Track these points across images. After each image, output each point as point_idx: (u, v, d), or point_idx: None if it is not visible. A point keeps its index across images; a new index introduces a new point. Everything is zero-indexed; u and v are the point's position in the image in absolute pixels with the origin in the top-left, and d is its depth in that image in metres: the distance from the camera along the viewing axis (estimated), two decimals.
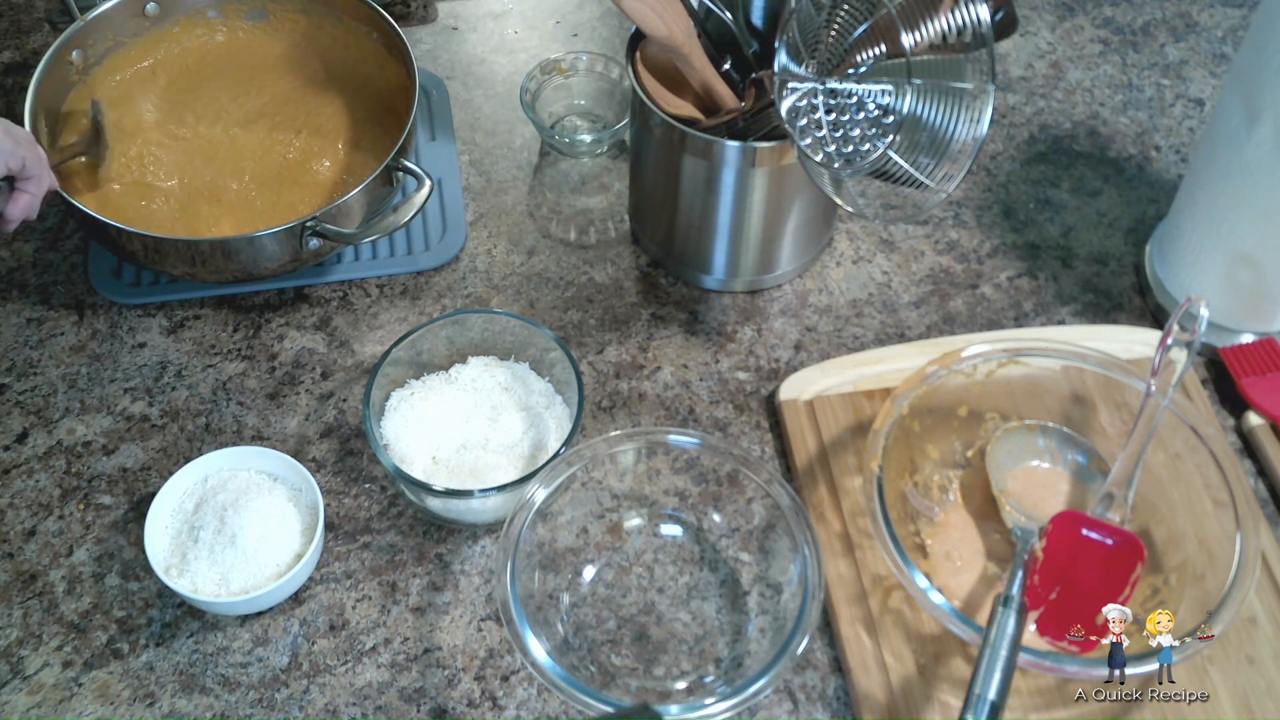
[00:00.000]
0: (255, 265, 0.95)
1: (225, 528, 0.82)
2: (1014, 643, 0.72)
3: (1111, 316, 1.02)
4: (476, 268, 1.03)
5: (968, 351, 0.87)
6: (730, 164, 0.91)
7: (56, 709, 0.80)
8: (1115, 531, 0.81)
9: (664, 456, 0.87)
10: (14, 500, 0.89)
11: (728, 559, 0.86)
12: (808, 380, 0.94)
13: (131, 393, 0.95)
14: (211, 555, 0.82)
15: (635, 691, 0.80)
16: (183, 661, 0.82)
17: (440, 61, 1.19)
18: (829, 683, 0.81)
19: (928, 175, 0.76)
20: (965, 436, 0.90)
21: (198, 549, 0.82)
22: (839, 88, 0.77)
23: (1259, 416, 0.93)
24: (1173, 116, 1.17)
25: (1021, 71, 1.20)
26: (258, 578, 0.81)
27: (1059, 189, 1.11)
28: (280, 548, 0.83)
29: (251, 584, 0.81)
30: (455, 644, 0.83)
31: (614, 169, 1.11)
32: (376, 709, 0.80)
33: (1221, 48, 1.23)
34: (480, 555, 0.87)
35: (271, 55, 1.10)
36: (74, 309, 1.00)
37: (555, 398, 0.90)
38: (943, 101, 0.75)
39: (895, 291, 1.02)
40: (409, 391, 0.89)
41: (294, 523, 0.84)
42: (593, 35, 1.22)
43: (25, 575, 0.85)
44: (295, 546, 0.83)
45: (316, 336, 0.99)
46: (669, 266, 1.03)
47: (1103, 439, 0.89)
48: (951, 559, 0.85)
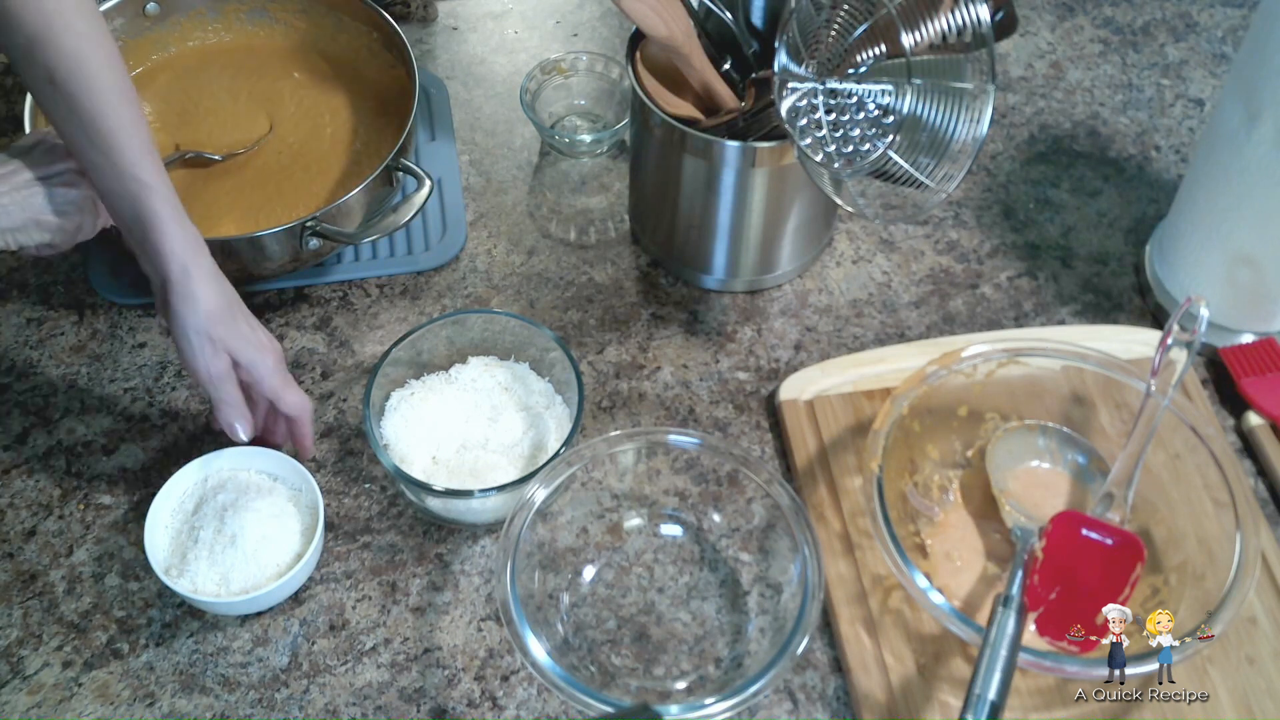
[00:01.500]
0: (255, 265, 0.96)
1: (225, 528, 0.82)
2: (1014, 643, 0.72)
3: (1111, 316, 1.02)
4: (476, 268, 1.03)
5: (968, 351, 0.87)
6: (730, 164, 0.91)
7: (56, 709, 0.80)
8: (1115, 531, 0.81)
9: (664, 456, 0.87)
10: (14, 500, 0.89)
11: (728, 559, 0.86)
12: (808, 380, 0.94)
13: (131, 393, 0.95)
14: (211, 555, 0.82)
15: (635, 691, 0.80)
16: (183, 661, 0.82)
17: (440, 61, 1.19)
18: (829, 683, 0.81)
19: (928, 175, 0.76)
20: (965, 436, 0.90)
21: (198, 549, 0.82)
22: (839, 88, 0.77)
23: (1259, 416, 0.93)
24: (1173, 116, 1.17)
25: (1021, 71, 1.20)
26: (258, 578, 0.81)
27: (1059, 189, 1.11)
28: (281, 548, 0.83)
29: (252, 584, 0.81)
30: (455, 644, 0.83)
31: (614, 169, 1.11)
32: (376, 709, 0.80)
33: (1221, 48, 1.23)
34: (480, 555, 0.87)
35: (271, 55, 1.11)
36: (74, 309, 1.00)
37: (555, 398, 0.90)
38: (943, 101, 0.75)
39: (895, 291, 1.02)
40: (409, 391, 0.89)
41: (294, 523, 0.84)
42: (593, 35, 1.22)
43: (25, 575, 0.85)
44: (295, 546, 0.83)
45: (316, 336, 0.99)
46: (669, 266, 1.03)
47: (1103, 439, 0.89)
48: (951, 559, 0.85)
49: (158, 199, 0.76)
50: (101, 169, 0.76)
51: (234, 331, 0.79)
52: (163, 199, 0.76)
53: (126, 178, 0.76)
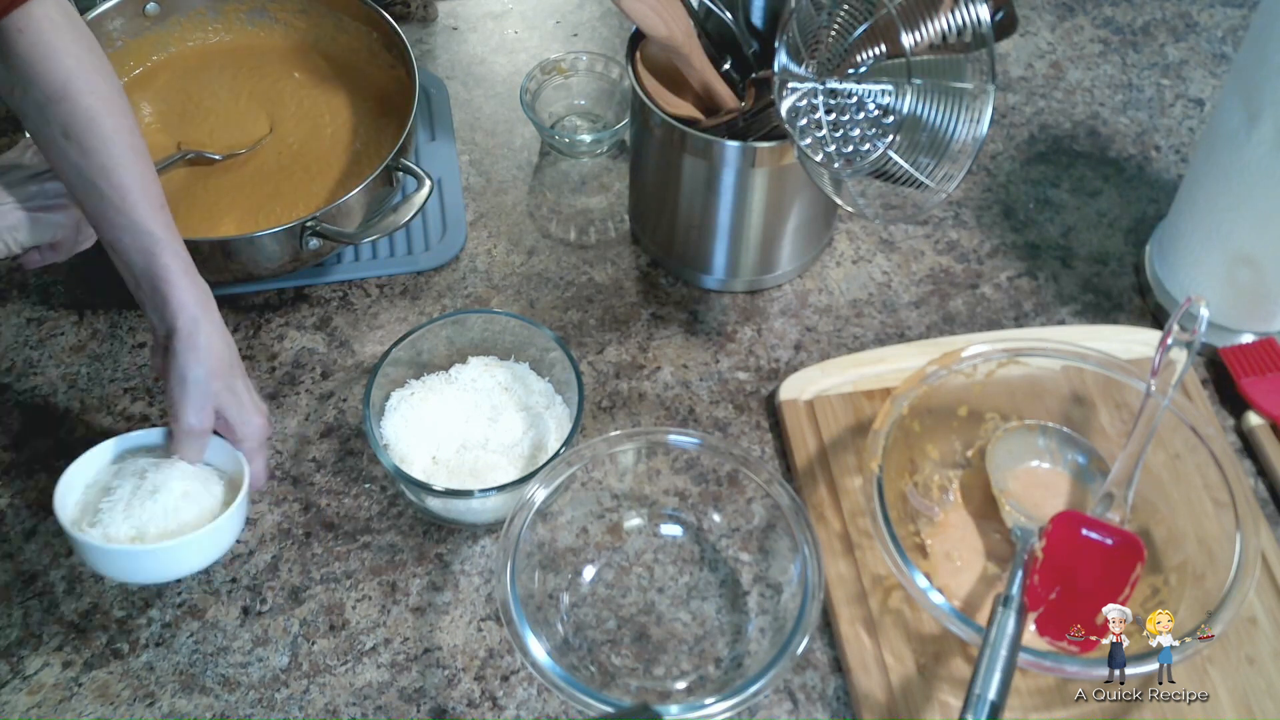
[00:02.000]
0: (255, 265, 0.96)
1: (145, 484, 0.76)
2: (1014, 643, 0.72)
3: (1111, 316, 1.02)
4: (476, 268, 1.03)
5: (968, 351, 0.87)
6: (730, 164, 0.91)
7: (56, 709, 0.80)
8: (1115, 531, 0.81)
9: (664, 456, 0.87)
10: (14, 500, 0.89)
11: (728, 559, 0.86)
12: (808, 380, 0.94)
13: (131, 393, 0.95)
14: (129, 509, 0.75)
15: (635, 691, 0.80)
16: (183, 661, 0.82)
17: (440, 61, 1.19)
18: (829, 683, 0.81)
19: (928, 175, 0.76)
20: (965, 436, 0.90)
21: (113, 500, 0.75)
22: (839, 88, 0.77)
23: (1259, 416, 0.93)
24: (1173, 116, 1.17)
25: (1021, 71, 1.20)
26: (179, 534, 0.75)
27: (1059, 189, 1.11)
28: (205, 510, 0.77)
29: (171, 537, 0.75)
30: (455, 644, 0.83)
31: (614, 169, 1.11)
32: (376, 709, 0.80)
33: (1221, 48, 1.23)
34: (480, 555, 0.87)
35: (271, 55, 1.11)
36: (74, 309, 1.00)
37: (555, 398, 0.90)
38: (943, 101, 0.75)
39: (895, 291, 1.02)
40: (409, 391, 0.89)
41: (218, 489, 0.79)
42: (593, 35, 1.22)
43: (25, 575, 0.85)
44: (219, 511, 0.77)
45: (316, 336, 0.99)
46: (669, 266, 1.03)
47: (1103, 439, 0.89)
48: (951, 559, 0.85)
49: (169, 253, 0.77)
50: (113, 222, 0.77)
51: (231, 388, 0.79)
52: (174, 253, 0.77)
53: (140, 232, 0.77)
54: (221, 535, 0.77)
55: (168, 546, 0.74)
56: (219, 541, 0.77)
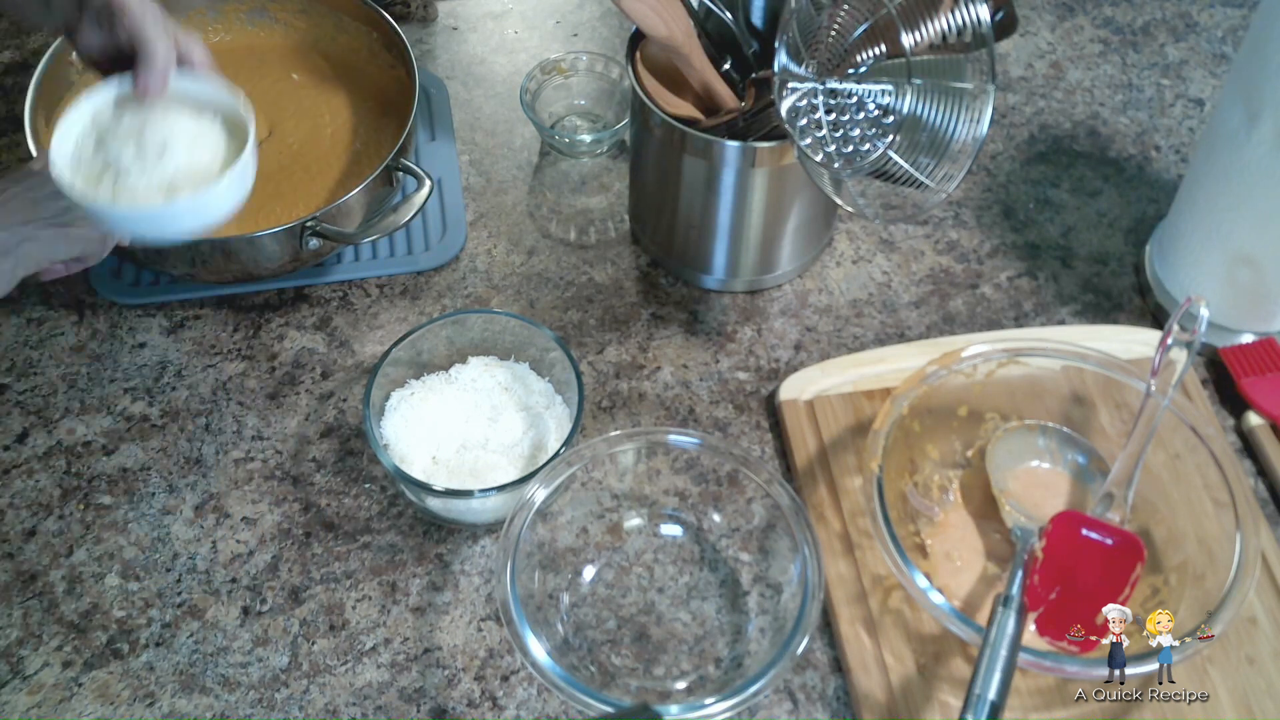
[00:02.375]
0: (255, 265, 0.96)
1: (147, 142, 0.72)
2: (1014, 643, 0.72)
3: (1111, 316, 1.02)
4: (476, 268, 1.03)
5: (968, 351, 0.87)
6: (730, 164, 0.91)
7: (56, 709, 0.80)
8: (1115, 531, 0.81)
9: (664, 456, 0.87)
10: (14, 500, 0.89)
11: (728, 559, 0.86)
12: (808, 380, 0.94)
13: (131, 393, 0.95)
14: (145, 173, 0.71)
15: (635, 691, 0.80)
16: (183, 661, 0.82)
17: (440, 61, 1.19)
18: (829, 683, 0.81)
19: (928, 175, 0.76)
20: (965, 436, 0.90)
21: (123, 174, 0.71)
22: (839, 88, 0.77)
23: (1259, 416, 0.93)
24: (1173, 116, 1.17)
25: (1021, 71, 1.20)
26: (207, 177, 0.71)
27: (1059, 189, 1.11)
28: (216, 147, 0.74)
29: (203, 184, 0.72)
30: (455, 644, 0.83)
31: (614, 169, 1.11)
32: (376, 709, 0.80)
33: (1221, 48, 1.23)
34: (480, 555, 0.87)
35: (271, 55, 1.10)
36: (74, 309, 1.00)
37: (555, 398, 0.90)
38: (943, 101, 0.75)
39: (895, 291, 1.02)
40: (409, 391, 0.89)
41: (219, 131, 0.76)
42: (593, 35, 1.22)
43: (25, 575, 0.85)
44: (226, 150, 0.74)
45: (316, 336, 0.99)
46: (669, 266, 1.03)
47: (1103, 439, 0.89)
48: (951, 559, 0.85)
49: None
50: None
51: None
52: None
53: None
54: (248, 159, 0.74)
55: (216, 185, 0.71)
56: (244, 180, 0.75)
